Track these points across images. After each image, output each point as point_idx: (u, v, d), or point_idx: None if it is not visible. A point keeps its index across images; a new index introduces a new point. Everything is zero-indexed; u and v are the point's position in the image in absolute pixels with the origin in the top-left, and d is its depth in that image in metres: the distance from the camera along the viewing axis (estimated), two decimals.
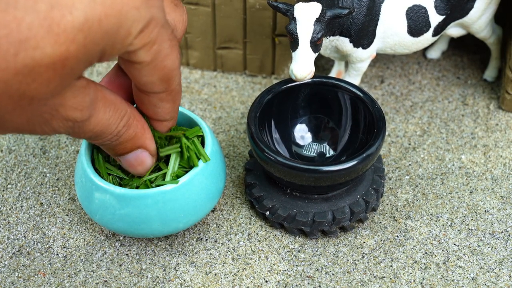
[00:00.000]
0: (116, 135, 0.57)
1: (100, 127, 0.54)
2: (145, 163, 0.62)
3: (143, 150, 0.61)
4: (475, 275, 0.69)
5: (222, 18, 0.83)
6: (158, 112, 0.60)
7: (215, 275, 0.69)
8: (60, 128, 0.50)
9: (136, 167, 0.62)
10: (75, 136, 0.54)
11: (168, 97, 0.59)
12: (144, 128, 0.60)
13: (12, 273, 0.69)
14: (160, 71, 0.55)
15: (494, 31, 0.82)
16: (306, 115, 0.75)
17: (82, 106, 0.51)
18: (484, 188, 0.76)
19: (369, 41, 0.74)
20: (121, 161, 0.62)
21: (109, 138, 0.57)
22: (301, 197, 0.70)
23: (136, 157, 0.61)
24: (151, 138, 0.61)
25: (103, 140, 0.57)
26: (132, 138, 0.59)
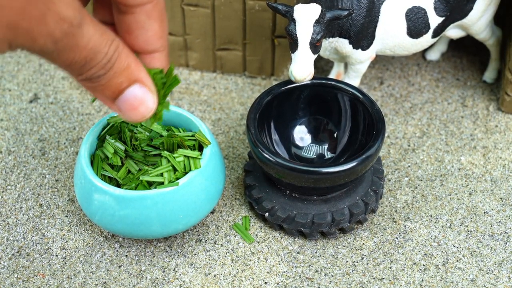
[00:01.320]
0: (109, 60, 0.53)
1: (93, 43, 0.51)
2: (146, 101, 0.56)
3: (141, 86, 0.55)
4: (475, 276, 0.69)
5: (222, 20, 0.83)
6: (148, 38, 0.57)
7: (214, 277, 0.69)
8: (56, 30, 0.48)
9: (137, 108, 0.56)
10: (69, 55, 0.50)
11: (155, 11, 0.56)
12: (136, 60, 0.55)
13: (12, 274, 0.69)
14: None
15: (494, 32, 0.82)
16: (305, 117, 0.75)
17: (74, 6, 0.48)
18: (484, 189, 0.76)
19: (369, 42, 0.74)
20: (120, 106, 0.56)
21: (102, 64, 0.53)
22: (301, 198, 0.70)
23: (135, 95, 0.55)
24: (145, 72, 0.56)
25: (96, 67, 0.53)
26: (126, 68, 0.54)
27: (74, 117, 0.83)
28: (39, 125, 0.82)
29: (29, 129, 0.82)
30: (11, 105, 0.84)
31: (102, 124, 0.70)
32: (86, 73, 0.52)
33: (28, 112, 0.84)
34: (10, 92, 0.86)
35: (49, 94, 0.86)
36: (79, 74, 0.52)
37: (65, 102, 0.85)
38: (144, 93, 0.55)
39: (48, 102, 0.85)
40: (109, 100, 0.55)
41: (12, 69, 0.89)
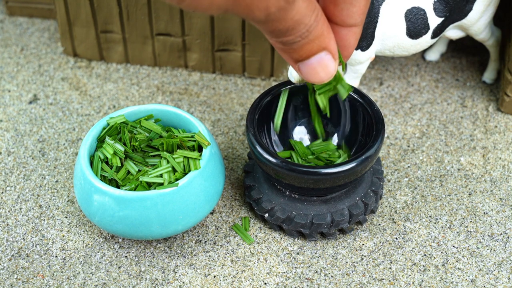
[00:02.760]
0: (308, 29, 0.54)
1: (299, 15, 0.52)
2: (329, 67, 0.58)
3: (327, 53, 0.57)
4: (474, 277, 0.69)
5: (221, 20, 0.83)
6: (353, 13, 0.57)
7: (214, 277, 0.69)
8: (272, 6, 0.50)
9: (319, 72, 0.58)
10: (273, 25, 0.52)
11: None
12: (329, 28, 0.56)
13: (11, 275, 0.69)
14: None
15: (493, 33, 0.82)
16: (305, 117, 0.75)
17: None
18: (483, 190, 0.76)
19: (368, 43, 0.74)
20: (302, 68, 0.58)
21: (301, 32, 0.54)
22: (300, 199, 0.70)
23: (320, 59, 0.57)
24: (334, 39, 0.57)
25: (296, 35, 0.54)
26: (319, 36, 0.56)
27: (73, 118, 0.83)
28: (39, 126, 0.82)
29: (29, 130, 0.82)
30: (11, 106, 0.84)
31: (101, 125, 0.70)
32: (283, 38, 0.54)
33: (28, 113, 0.84)
34: (9, 93, 0.86)
35: (48, 95, 0.86)
36: (277, 38, 0.54)
37: (65, 103, 0.85)
38: (328, 59, 0.57)
39: (47, 103, 0.85)
40: (293, 61, 0.57)
41: (12, 70, 0.89)
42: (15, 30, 0.94)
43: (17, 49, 0.92)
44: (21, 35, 0.94)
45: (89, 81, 0.87)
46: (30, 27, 0.95)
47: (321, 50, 0.56)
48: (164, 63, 0.88)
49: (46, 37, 0.93)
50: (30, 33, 0.94)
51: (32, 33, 0.94)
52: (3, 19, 0.96)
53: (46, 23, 0.95)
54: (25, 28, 0.95)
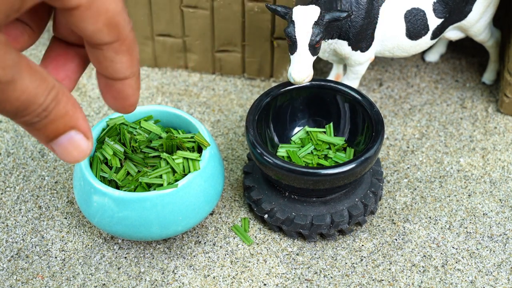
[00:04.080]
0: (45, 109, 0.52)
1: (26, 95, 0.50)
2: (81, 146, 0.56)
3: (77, 132, 0.55)
4: (474, 278, 0.69)
5: (221, 21, 0.83)
6: (117, 69, 0.56)
7: (213, 278, 0.69)
8: None
9: (71, 151, 0.57)
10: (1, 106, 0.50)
11: (122, 47, 0.55)
12: (75, 106, 0.55)
13: (11, 276, 0.69)
14: (103, 15, 0.52)
15: (493, 34, 0.82)
16: (304, 118, 0.75)
17: (5, 63, 0.47)
18: (483, 191, 0.76)
19: (368, 44, 0.74)
20: (55, 148, 0.57)
21: (37, 112, 0.52)
22: (300, 200, 0.70)
23: (70, 139, 0.56)
24: (84, 118, 0.56)
25: (31, 115, 0.52)
26: (63, 116, 0.54)
27: None
28: None
29: None
30: None
31: (101, 126, 0.70)
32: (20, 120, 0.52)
33: None
34: None
35: None
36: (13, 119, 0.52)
37: None
38: (79, 139, 0.56)
39: None
40: (44, 142, 0.56)
41: None
42: None
43: None
44: None
45: (89, 82, 0.87)
46: None
47: (69, 129, 0.55)
48: (164, 64, 0.88)
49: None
50: None
51: None
52: None
53: None
54: None
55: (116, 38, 0.54)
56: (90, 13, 0.51)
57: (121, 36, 0.54)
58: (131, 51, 0.56)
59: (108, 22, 0.52)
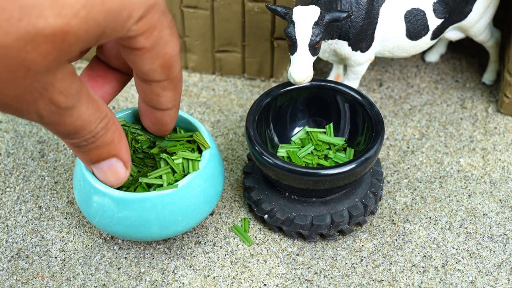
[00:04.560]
0: (94, 136, 0.56)
1: (81, 121, 0.54)
2: (119, 173, 0.61)
3: (118, 160, 0.60)
4: (474, 278, 0.69)
5: (221, 22, 0.83)
6: (161, 101, 0.60)
7: (213, 279, 0.69)
8: (43, 111, 0.50)
9: (109, 177, 0.62)
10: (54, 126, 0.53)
11: (170, 85, 0.59)
12: (121, 136, 0.59)
13: (11, 277, 0.69)
14: (161, 58, 0.55)
15: (493, 34, 0.82)
16: (304, 119, 0.75)
17: (68, 92, 0.50)
18: (483, 191, 0.76)
19: (368, 44, 0.74)
20: (94, 170, 0.61)
21: (86, 138, 0.56)
22: (300, 200, 0.70)
23: (110, 166, 0.60)
24: (127, 148, 0.60)
25: (80, 139, 0.56)
26: (108, 144, 0.58)
27: None
28: (38, 127, 0.82)
29: (28, 131, 0.82)
30: None
31: None
32: (69, 140, 0.56)
33: None
34: None
35: None
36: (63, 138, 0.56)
37: None
38: (119, 167, 0.61)
39: None
40: (85, 162, 0.60)
41: None
42: None
43: None
44: None
45: None
46: None
47: (112, 156, 0.59)
48: None
49: None
50: None
51: None
52: None
53: None
54: None
55: (166, 78, 0.58)
56: (150, 55, 0.54)
57: (171, 76, 0.58)
58: (177, 88, 0.60)
59: (164, 64, 0.56)
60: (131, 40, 0.52)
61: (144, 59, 0.55)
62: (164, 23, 0.53)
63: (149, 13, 0.51)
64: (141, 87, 0.59)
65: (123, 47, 0.54)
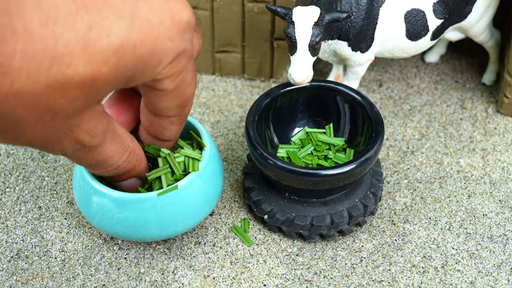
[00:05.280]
0: (116, 168, 0.58)
1: (103, 157, 0.55)
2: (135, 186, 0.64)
3: (137, 179, 0.63)
4: (474, 279, 0.69)
5: (221, 22, 0.83)
6: (165, 134, 0.62)
7: (213, 279, 0.69)
8: (68, 149, 0.51)
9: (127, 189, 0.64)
10: (77, 160, 0.54)
11: (179, 121, 0.60)
12: (141, 160, 0.61)
13: (11, 277, 0.69)
14: (180, 98, 0.56)
15: (493, 34, 0.82)
16: (304, 119, 0.75)
17: (94, 132, 0.51)
18: (483, 192, 0.76)
19: (368, 45, 0.74)
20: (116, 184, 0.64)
21: (108, 170, 0.58)
22: (300, 200, 0.70)
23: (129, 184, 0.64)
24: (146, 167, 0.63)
25: (102, 171, 0.58)
26: (130, 171, 0.61)
27: None
28: None
29: None
30: None
31: None
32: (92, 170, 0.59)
33: None
34: None
35: None
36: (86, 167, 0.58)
37: None
38: (137, 183, 0.64)
39: None
40: None
41: None
42: None
43: None
44: None
45: None
46: None
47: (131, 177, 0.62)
48: None
49: None
50: None
51: None
52: None
53: None
54: None
55: (178, 114, 0.59)
56: (170, 96, 0.56)
57: (183, 113, 0.60)
58: (183, 123, 0.61)
59: (180, 103, 0.57)
60: (156, 82, 0.53)
61: (164, 99, 0.56)
62: (189, 67, 0.54)
63: (178, 59, 0.51)
64: (148, 118, 0.61)
65: (145, 86, 0.55)
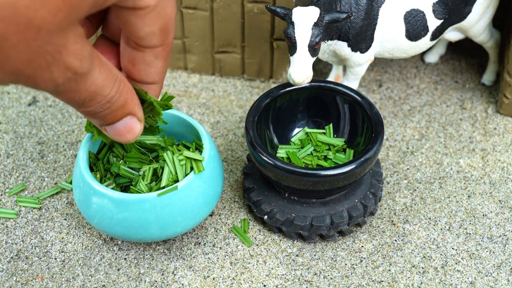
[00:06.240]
0: (109, 101, 0.56)
1: (95, 87, 0.53)
2: (135, 129, 0.60)
3: (132, 117, 0.59)
4: (473, 279, 0.69)
5: (220, 22, 0.83)
6: (150, 73, 0.59)
7: (213, 279, 0.69)
8: (59, 78, 0.49)
9: (125, 134, 0.60)
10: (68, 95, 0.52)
11: (163, 53, 0.58)
12: (133, 94, 0.58)
13: (10, 278, 0.69)
14: (162, 19, 0.54)
15: (492, 35, 0.82)
16: (304, 119, 0.75)
17: (82, 55, 0.50)
18: (482, 192, 0.76)
19: (367, 45, 0.74)
20: (108, 130, 0.60)
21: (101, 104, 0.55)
22: (299, 201, 0.70)
23: (125, 124, 0.59)
24: (139, 104, 0.59)
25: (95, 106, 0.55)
26: (123, 106, 0.57)
27: (72, 120, 0.83)
28: (38, 128, 0.82)
29: (28, 132, 0.82)
30: (10, 108, 0.84)
31: None
32: (84, 109, 0.55)
33: (27, 115, 0.84)
34: (9, 95, 0.86)
35: (48, 97, 0.86)
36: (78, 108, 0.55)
37: (64, 105, 0.85)
38: (133, 122, 0.59)
39: (47, 105, 0.85)
40: (99, 125, 0.59)
41: None
42: None
43: None
44: None
45: None
46: None
47: (126, 115, 0.58)
48: None
49: None
50: None
51: None
52: None
53: None
54: None
55: (162, 43, 0.56)
56: (152, 15, 0.54)
57: (167, 41, 0.57)
58: (167, 58, 0.59)
59: (163, 26, 0.55)
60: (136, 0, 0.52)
61: (146, 20, 0.54)
62: None
63: None
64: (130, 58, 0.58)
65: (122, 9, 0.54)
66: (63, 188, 0.75)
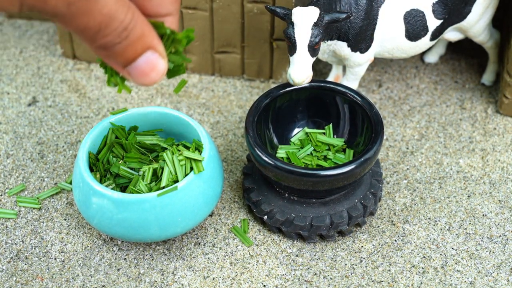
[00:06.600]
0: (126, 28, 0.53)
1: (108, 9, 0.51)
2: (158, 66, 0.56)
3: (153, 52, 0.56)
4: (473, 279, 0.69)
5: (220, 23, 0.83)
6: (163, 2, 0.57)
7: (213, 280, 0.69)
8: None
9: (149, 73, 0.57)
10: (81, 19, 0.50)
11: None
12: (149, 26, 0.55)
13: (10, 278, 0.69)
14: None
15: (492, 35, 0.82)
16: (304, 119, 0.75)
17: None
18: (482, 192, 0.76)
19: (367, 45, 0.74)
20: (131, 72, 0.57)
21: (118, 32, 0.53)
22: (299, 201, 0.70)
23: (147, 60, 0.56)
24: (158, 38, 0.56)
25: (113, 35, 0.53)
26: (141, 36, 0.54)
27: (72, 120, 0.83)
28: (38, 128, 0.82)
29: (28, 132, 0.82)
30: (10, 108, 0.84)
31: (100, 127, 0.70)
32: (101, 41, 0.52)
33: (27, 115, 0.84)
34: (8, 96, 0.86)
35: (47, 97, 0.86)
36: (94, 41, 0.52)
37: (64, 105, 0.85)
38: (156, 58, 0.56)
39: (46, 105, 0.85)
40: (120, 66, 0.55)
41: (11, 72, 0.89)
42: (14, 33, 0.94)
43: (16, 51, 0.92)
44: (20, 37, 0.94)
45: (88, 83, 0.87)
46: (29, 29, 0.95)
47: (146, 49, 0.55)
48: None
49: (45, 39, 0.93)
50: (29, 36, 0.94)
51: (31, 35, 0.94)
52: (2, 22, 0.96)
53: (45, 26, 0.95)
54: (24, 30, 0.95)
55: None
56: None
57: None
58: None
59: None
60: None
61: None
62: None
63: None
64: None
65: None
66: (63, 188, 0.75)
